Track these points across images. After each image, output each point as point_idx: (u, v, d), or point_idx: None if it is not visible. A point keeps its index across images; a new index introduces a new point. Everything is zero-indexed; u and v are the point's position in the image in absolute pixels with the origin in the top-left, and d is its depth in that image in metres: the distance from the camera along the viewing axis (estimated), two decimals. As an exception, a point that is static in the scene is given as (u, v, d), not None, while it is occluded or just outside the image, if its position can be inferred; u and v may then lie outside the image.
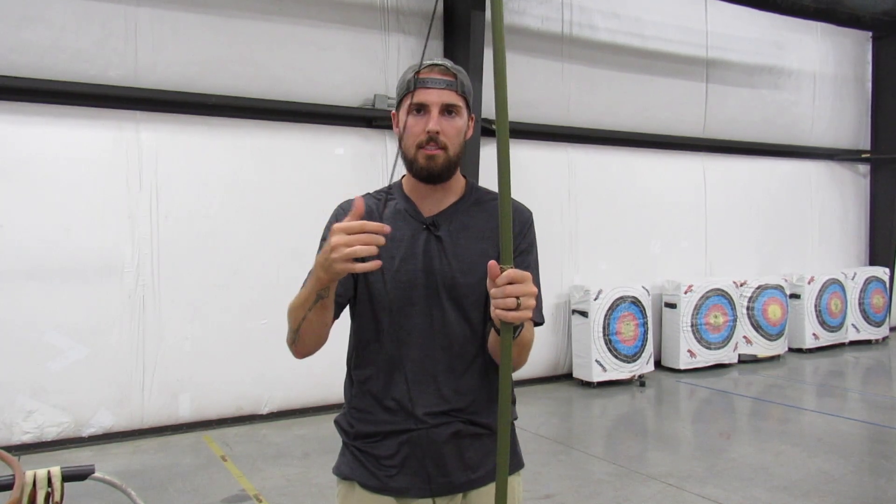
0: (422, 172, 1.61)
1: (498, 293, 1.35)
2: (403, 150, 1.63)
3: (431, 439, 1.61)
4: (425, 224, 1.66)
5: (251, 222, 6.17)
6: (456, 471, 1.63)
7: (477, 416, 1.65)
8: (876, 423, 6.01)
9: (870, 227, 10.77)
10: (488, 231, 1.67)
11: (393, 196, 1.71)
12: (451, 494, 1.65)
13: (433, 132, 1.57)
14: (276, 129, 6.32)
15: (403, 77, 1.64)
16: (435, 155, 1.58)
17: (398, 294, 1.60)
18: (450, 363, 1.62)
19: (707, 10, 8.91)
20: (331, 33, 6.56)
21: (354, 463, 1.66)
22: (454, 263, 1.63)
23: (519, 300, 1.34)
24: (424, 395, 1.61)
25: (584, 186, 7.97)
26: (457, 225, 1.66)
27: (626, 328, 7.55)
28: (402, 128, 1.61)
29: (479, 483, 1.67)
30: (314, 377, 6.17)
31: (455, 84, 1.60)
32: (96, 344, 5.58)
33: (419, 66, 1.59)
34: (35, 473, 1.94)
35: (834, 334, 9.34)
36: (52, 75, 5.43)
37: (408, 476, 1.61)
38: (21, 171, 5.35)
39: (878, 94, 10.48)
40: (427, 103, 1.58)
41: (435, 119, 1.57)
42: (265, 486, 4.63)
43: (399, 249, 1.62)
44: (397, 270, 1.61)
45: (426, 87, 1.58)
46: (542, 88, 7.75)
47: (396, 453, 1.61)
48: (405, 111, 1.61)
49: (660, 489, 4.52)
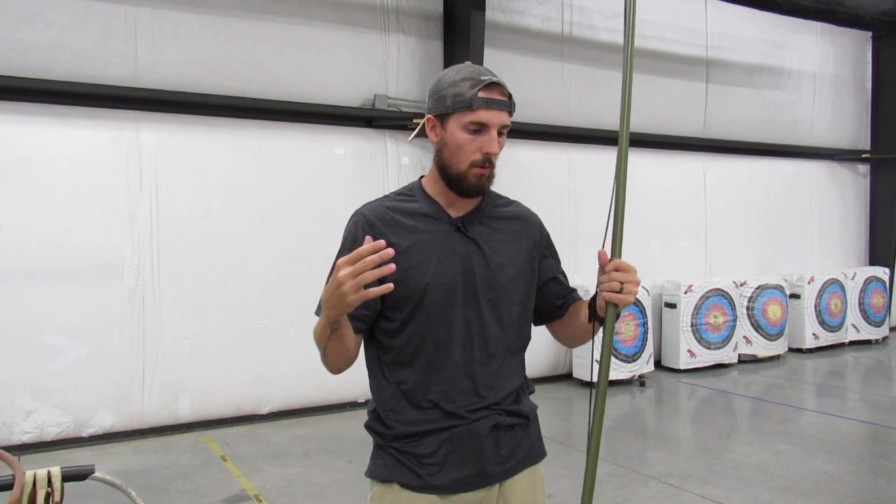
0: (472, 190, 1.63)
1: (606, 278, 1.59)
2: (449, 163, 1.62)
3: (473, 434, 1.63)
4: (455, 226, 1.67)
5: (251, 222, 6.17)
6: (493, 462, 1.67)
7: (512, 406, 1.71)
8: (876, 423, 6.01)
9: (870, 227, 10.77)
10: (512, 234, 1.74)
11: (415, 198, 1.70)
12: (490, 486, 1.68)
13: (495, 154, 1.60)
14: (276, 129, 6.32)
15: (457, 88, 1.58)
16: (484, 174, 1.61)
17: (439, 297, 1.61)
18: (486, 361, 1.66)
19: (707, 10, 8.91)
20: (331, 33, 6.56)
21: (394, 463, 1.65)
22: (491, 265, 1.66)
23: (623, 285, 1.58)
24: (463, 394, 1.63)
25: (584, 186, 7.96)
26: (485, 228, 1.70)
27: (626, 328, 7.55)
28: (451, 140, 1.60)
29: (514, 471, 1.72)
30: (314, 377, 6.17)
31: (510, 106, 1.62)
32: (96, 344, 5.58)
33: (478, 81, 1.57)
34: (35, 473, 1.95)
35: (834, 334, 9.34)
36: (53, 75, 5.43)
37: (450, 472, 1.63)
38: (21, 171, 5.35)
39: (877, 94, 10.48)
40: (489, 124, 1.58)
41: (495, 141, 1.59)
42: (265, 486, 4.63)
43: (433, 251, 1.63)
44: (437, 273, 1.61)
45: (489, 108, 1.57)
46: (542, 88, 7.75)
47: (438, 450, 1.62)
48: (460, 126, 1.58)
49: (660, 489, 4.52)
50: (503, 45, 7.37)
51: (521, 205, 1.85)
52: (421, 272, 1.60)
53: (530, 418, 1.77)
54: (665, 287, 8.27)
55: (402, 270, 1.55)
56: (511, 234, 1.73)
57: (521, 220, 1.78)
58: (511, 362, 1.72)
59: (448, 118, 1.60)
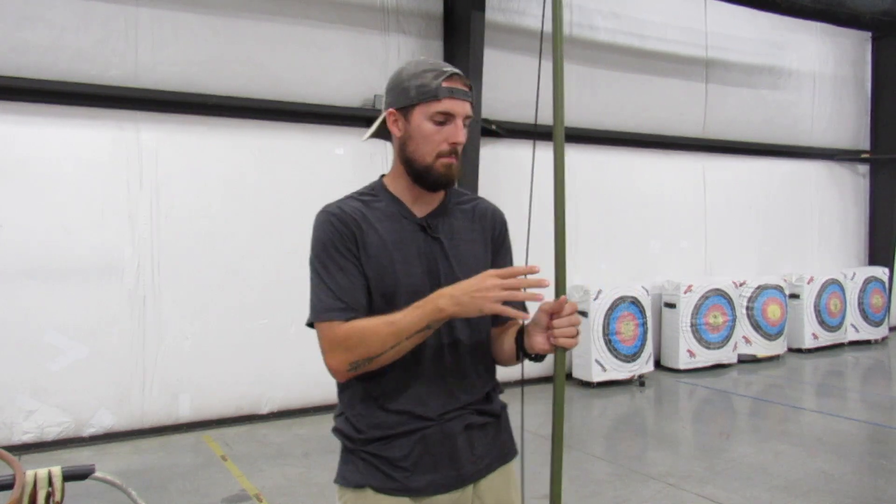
0: (440, 181, 1.61)
1: (565, 322, 1.53)
2: (415, 155, 1.61)
3: (446, 434, 1.62)
4: (420, 225, 1.65)
5: (251, 222, 6.17)
6: (467, 463, 1.66)
7: (483, 405, 1.70)
8: (876, 423, 6.01)
9: (869, 227, 10.77)
10: (475, 233, 1.73)
11: (378, 197, 1.67)
12: (464, 487, 1.67)
13: (460, 144, 1.60)
14: (276, 129, 6.32)
15: (420, 79, 1.59)
16: (451, 164, 1.61)
17: (408, 300, 1.56)
18: (457, 363, 1.65)
19: (707, 10, 8.91)
20: (331, 33, 6.56)
21: (367, 468, 1.63)
22: (456, 266, 1.64)
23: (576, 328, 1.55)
24: (435, 396, 1.62)
25: (584, 186, 7.96)
26: (448, 227, 1.69)
27: (626, 328, 7.55)
28: (416, 132, 1.59)
29: (487, 471, 1.71)
30: (314, 377, 6.16)
31: (472, 96, 1.64)
32: (96, 344, 5.59)
33: (441, 72, 1.59)
34: (35, 473, 1.95)
35: (833, 334, 9.34)
36: (53, 75, 5.43)
37: (425, 474, 1.62)
38: (21, 171, 5.36)
39: (877, 94, 10.48)
40: (455, 114, 1.59)
41: (461, 130, 1.60)
42: (265, 486, 4.63)
43: (399, 253, 1.61)
44: (405, 275, 1.60)
45: (455, 98, 1.58)
46: (542, 88, 7.73)
47: (411, 452, 1.61)
48: (426, 117, 1.58)
49: (660, 489, 4.52)
50: (503, 45, 7.36)
51: (486, 201, 1.84)
52: (390, 275, 1.59)
53: (501, 417, 1.77)
54: (665, 287, 8.28)
55: (372, 273, 1.57)
56: (475, 231, 1.72)
57: (486, 217, 1.77)
58: (482, 363, 1.71)
59: (412, 110, 1.59)
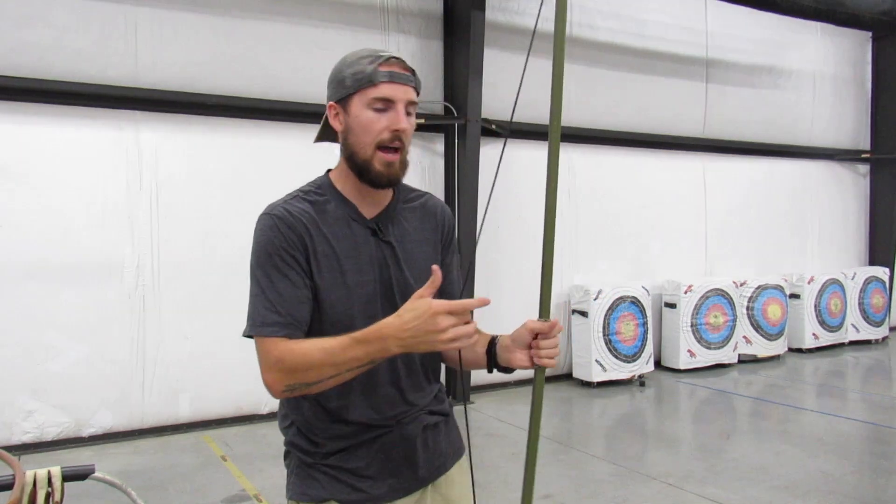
0: (380, 179, 1.51)
1: (550, 344, 1.50)
2: (355, 148, 1.51)
3: (404, 438, 1.61)
4: (371, 229, 1.57)
5: (251, 222, 6.12)
6: (425, 464, 1.65)
7: (434, 406, 1.70)
8: (876, 423, 6.01)
9: (869, 227, 10.77)
10: (426, 232, 1.67)
11: (326, 197, 1.57)
12: (423, 487, 1.66)
13: (403, 130, 1.49)
14: (276, 129, 6.32)
15: (356, 66, 1.49)
16: (393, 162, 1.50)
17: (361, 309, 1.52)
18: (409, 369, 1.62)
19: (707, 10, 8.91)
20: (331, 33, 6.56)
21: (329, 482, 1.58)
22: (407, 271, 1.58)
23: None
24: (390, 404, 1.59)
25: (584, 186, 7.97)
26: (399, 228, 1.61)
27: (626, 328, 7.55)
28: (355, 123, 1.50)
29: (444, 469, 1.71)
30: (314, 377, 6.16)
31: (416, 81, 1.53)
32: (96, 344, 5.59)
33: (377, 56, 1.48)
34: (35, 473, 1.95)
35: (834, 334, 9.34)
36: (53, 75, 5.43)
37: (385, 479, 1.59)
38: (21, 171, 5.36)
39: (877, 94, 10.48)
40: (394, 99, 1.48)
41: (403, 116, 1.49)
42: (265, 486, 4.63)
43: (350, 261, 1.53)
44: (358, 283, 1.53)
45: (393, 82, 1.47)
46: (542, 88, 7.72)
47: (372, 461, 1.59)
48: (364, 105, 1.48)
49: (660, 489, 4.52)
50: (503, 45, 7.36)
51: (434, 197, 1.77)
52: (341, 286, 1.51)
53: (450, 415, 1.76)
54: (665, 287, 8.27)
55: (322, 283, 1.49)
56: (426, 231, 1.66)
57: (435, 215, 1.71)
58: (431, 365, 1.69)
59: (350, 100, 1.50)
